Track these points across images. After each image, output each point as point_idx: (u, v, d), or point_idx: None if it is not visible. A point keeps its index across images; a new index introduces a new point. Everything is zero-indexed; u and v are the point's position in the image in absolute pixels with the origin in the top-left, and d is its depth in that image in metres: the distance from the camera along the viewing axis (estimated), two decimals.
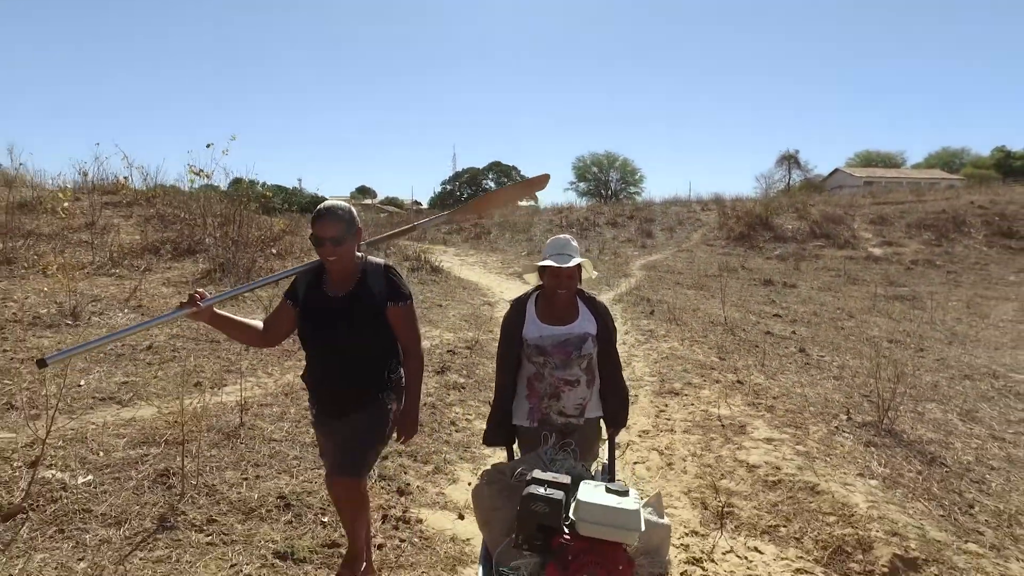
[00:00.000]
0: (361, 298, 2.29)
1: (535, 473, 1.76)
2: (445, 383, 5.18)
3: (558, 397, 2.42)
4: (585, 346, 2.43)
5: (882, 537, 3.08)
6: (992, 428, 5.18)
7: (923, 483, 3.81)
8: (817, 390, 5.64)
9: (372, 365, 2.34)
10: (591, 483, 1.74)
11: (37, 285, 6.32)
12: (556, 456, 2.10)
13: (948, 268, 16.99)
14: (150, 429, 3.68)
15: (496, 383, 2.59)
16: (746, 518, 3.36)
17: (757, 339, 7.52)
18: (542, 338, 2.43)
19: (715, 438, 4.29)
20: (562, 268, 2.34)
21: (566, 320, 2.46)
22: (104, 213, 9.92)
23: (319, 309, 2.30)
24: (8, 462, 3.07)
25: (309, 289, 2.35)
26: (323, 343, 2.31)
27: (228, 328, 2.27)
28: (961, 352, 8.45)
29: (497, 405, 2.55)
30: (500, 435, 2.53)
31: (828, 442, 4.30)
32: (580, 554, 1.58)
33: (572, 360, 2.41)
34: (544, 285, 2.48)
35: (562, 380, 2.41)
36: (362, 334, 2.30)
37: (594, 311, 2.51)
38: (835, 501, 3.43)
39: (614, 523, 1.57)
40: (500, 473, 2.07)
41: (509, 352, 2.49)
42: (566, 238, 2.50)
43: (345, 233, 2.22)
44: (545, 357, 2.41)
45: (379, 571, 2.72)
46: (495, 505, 1.95)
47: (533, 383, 2.46)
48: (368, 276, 2.33)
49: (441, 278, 10.69)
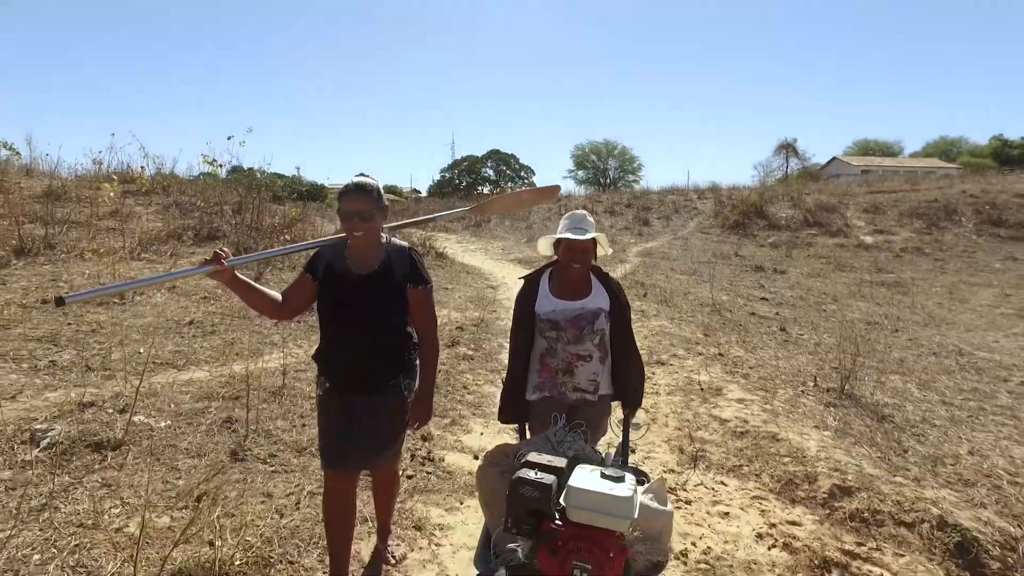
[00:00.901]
0: (384, 277, 2.30)
1: (529, 456, 1.73)
2: (456, 355, 5.84)
3: (571, 372, 2.45)
4: (598, 321, 2.45)
5: (825, 472, 3.77)
6: (944, 395, 5.86)
7: (869, 434, 4.50)
8: (791, 362, 6.32)
9: (391, 344, 2.35)
10: (587, 467, 1.70)
11: (79, 268, 6.95)
12: (565, 438, 2.10)
13: (936, 256, 17.62)
14: (207, 388, 4.34)
15: (509, 360, 2.60)
16: (715, 460, 4.04)
17: (742, 319, 8.19)
18: (555, 312, 2.45)
19: (694, 399, 4.98)
20: (578, 240, 2.38)
21: (579, 295, 2.49)
22: (125, 202, 10.52)
23: (341, 285, 2.30)
24: (102, 410, 3.73)
25: (331, 264, 2.33)
26: (344, 319, 2.31)
27: (246, 293, 2.23)
28: (934, 333, 9.13)
29: (510, 381, 2.57)
30: (513, 411, 2.56)
31: (793, 403, 4.99)
32: (570, 540, 1.56)
33: (585, 335, 2.44)
34: (559, 259, 2.51)
35: (575, 355, 2.44)
36: (383, 312, 2.30)
37: (608, 287, 2.54)
38: (791, 446, 4.11)
39: (605, 510, 1.54)
40: (503, 455, 2.07)
41: (522, 328, 2.51)
42: (583, 213, 2.54)
43: (373, 209, 2.22)
44: (558, 332, 2.44)
45: (412, 495, 3.39)
46: (496, 487, 1.95)
47: (546, 358, 2.49)
48: (392, 257, 2.34)
49: (446, 263, 11.34)
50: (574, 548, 1.54)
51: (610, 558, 1.53)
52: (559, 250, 2.50)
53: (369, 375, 2.31)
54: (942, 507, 3.46)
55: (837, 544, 3.16)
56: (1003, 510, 3.54)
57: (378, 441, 2.35)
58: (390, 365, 2.35)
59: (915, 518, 3.37)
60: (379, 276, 2.30)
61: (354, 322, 2.29)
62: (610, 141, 47.54)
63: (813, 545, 3.11)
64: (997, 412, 5.47)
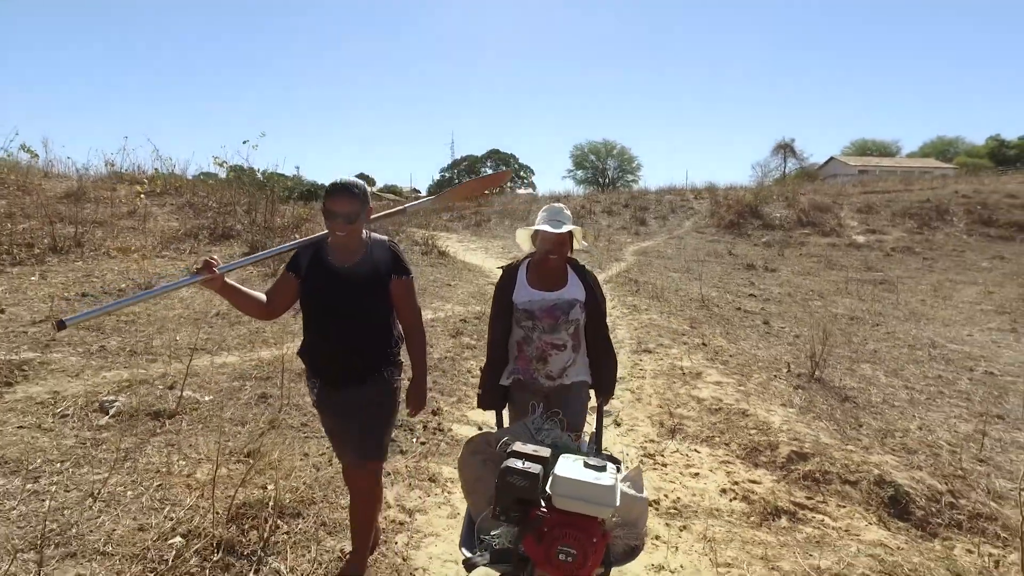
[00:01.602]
0: (367, 270, 2.36)
1: (516, 446, 1.81)
2: (460, 344, 6.44)
3: (545, 360, 2.59)
4: (573, 312, 2.58)
5: (786, 441, 4.36)
6: (908, 381, 6.45)
7: (830, 412, 5.10)
8: (770, 352, 6.92)
9: (376, 337, 2.41)
10: (570, 457, 1.80)
11: (108, 265, 7.53)
12: (543, 426, 2.19)
13: (925, 255, 18.20)
14: (240, 370, 4.93)
15: (487, 348, 2.74)
16: (691, 432, 4.64)
17: (728, 314, 8.79)
18: (531, 302, 2.58)
19: (676, 381, 5.57)
20: (554, 233, 2.51)
21: (555, 286, 2.61)
22: (141, 202, 11.11)
23: (324, 280, 2.34)
24: (154, 386, 4.33)
25: (314, 259, 2.38)
26: (328, 313, 2.35)
27: (235, 297, 2.27)
28: (912, 327, 9.71)
29: (488, 369, 2.70)
30: (491, 399, 2.69)
31: (765, 385, 5.59)
32: (555, 527, 1.64)
33: (560, 324, 2.57)
34: (536, 250, 2.66)
35: (549, 344, 2.57)
36: (368, 304, 2.36)
37: (583, 280, 2.66)
38: (758, 421, 4.71)
39: (590, 498, 1.62)
40: (486, 443, 2.14)
41: (500, 317, 2.65)
42: (560, 206, 2.67)
43: (359, 211, 2.28)
44: (534, 321, 2.57)
45: (425, 457, 3.97)
46: (478, 475, 2.04)
47: (522, 346, 2.62)
48: (373, 250, 2.39)
49: (448, 261, 11.93)
50: (559, 534, 1.62)
51: (593, 543, 1.63)
52: (536, 242, 2.65)
53: (355, 367, 2.37)
54: (883, 469, 4.05)
55: (789, 497, 3.75)
56: (936, 472, 4.13)
57: (365, 433, 2.40)
58: (375, 357, 2.41)
59: (858, 477, 3.96)
60: (362, 269, 2.36)
61: (339, 315, 2.34)
62: (609, 141, 48.32)
63: (768, 497, 3.71)
64: (954, 396, 6.07)
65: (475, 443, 2.16)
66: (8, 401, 3.87)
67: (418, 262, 11.17)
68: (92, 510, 2.82)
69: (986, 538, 3.51)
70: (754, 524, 3.44)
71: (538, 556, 1.64)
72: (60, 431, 3.57)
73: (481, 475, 2.03)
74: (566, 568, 1.62)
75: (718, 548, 3.08)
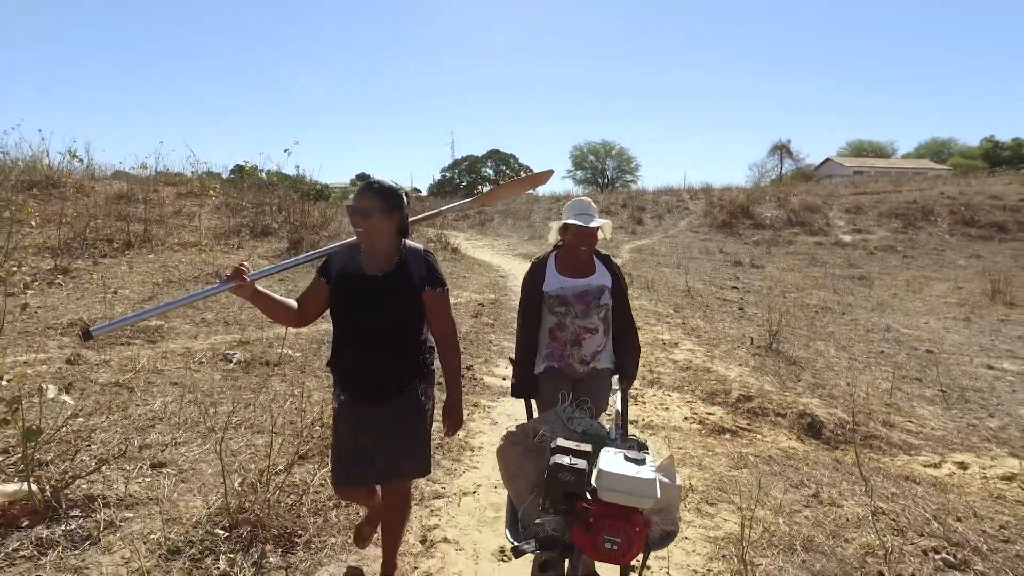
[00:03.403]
0: (400, 280, 2.34)
1: (559, 441, 1.96)
2: (481, 322, 7.94)
3: (580, 344, 2.76)
4: (603, 297, 2.77)
5: (737, 388, 5.88)
6: (852, 354, 7.98)
7: (777, 371, 6.63)
8: (740, 330, 8.44)
9: (407, 348, 2.39)
10: (611, 451, 1.93)
11: (176, 257, 9.02)
12: (573, 414, 2.32)
13: (906, 253, 19.75)
14: (312, 337, 6.42)
15: (518, 339, 2.90)
16: (666, 383, 6.15)
17: (710, 301, 10.33)
18: (563, 289, 2.75)
19: (657, 349, 7.10)
20: (586, 228, 2.66)
21: (585, 273, 2.79)
22: (182, 203, 12.61)
23: (355, 287, 2.34)
24: (255, 345, 5.82)
25: (345, 266, 2.38)
26: (358, 322, 2.35)
27: (266, 305, 2.30)
28: (875, 316, 11.23)
29: (520, 358, 2.86)
30: (525, 387, 2.85)
31: (729, 353, 7.11)
32: (600, 518, 1.78)
33: (592, 309, 2.74)
34: (565, 243, 2.82)
35: (583, 328, 2.74)
36: (399, 314, 2.35)
37: (609, 267, 2.87)
38: (719, 375, 6.23)
39: (632, 491, 1.76)
40: (524, 434, 2.26)
41: (531, 308, 2.81)
42: (587, 200, 2.83)
43: (375, 208, 2.25)
44: (567, 307, 2.74)
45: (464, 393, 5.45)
46: (519, 464, 2.17)
47: (555, 332, 2.79)
48: (408, 259, 2.38)
49: (460, 257, 13.46)
50: (604, 525, 1.76)
51: (636, 532, 1.76)
52: (566, 235, 2.81)
53: (385, 380, 2.35)
54: (808, 408, 5.57)
55: (733, 422, 5.26)
56: (847, 410, 5.65)
57: (396, 454, 2.39)
58: (406, 369, 2.39)
59: (787, 412, 5.49)
60: (395, 278, 2.34)
61: (369, 324, 2.33)
62: (608, 141, 50.05)
63: (717, 422, 5.22)
64: (889, 366, 7.58)
65: (514, 434, 2.26)
66: (157, 352, 5.37)
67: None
68: (255, 411, 4.33)
69: (871, 449, 5.03)
70: (704, 435, 4.95)
71: (585, 545, 1.79)
72: (205, 371, 5.07)
73: (522, 464, 2.15)
74: (612, 555, 1.77)
75: (675, 443, 4.59)
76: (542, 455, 2.07)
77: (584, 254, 2.80)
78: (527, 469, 2.13)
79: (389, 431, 2.37)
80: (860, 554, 3.01)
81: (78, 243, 8.63)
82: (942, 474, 4.62)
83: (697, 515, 3.42)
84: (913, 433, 5.45)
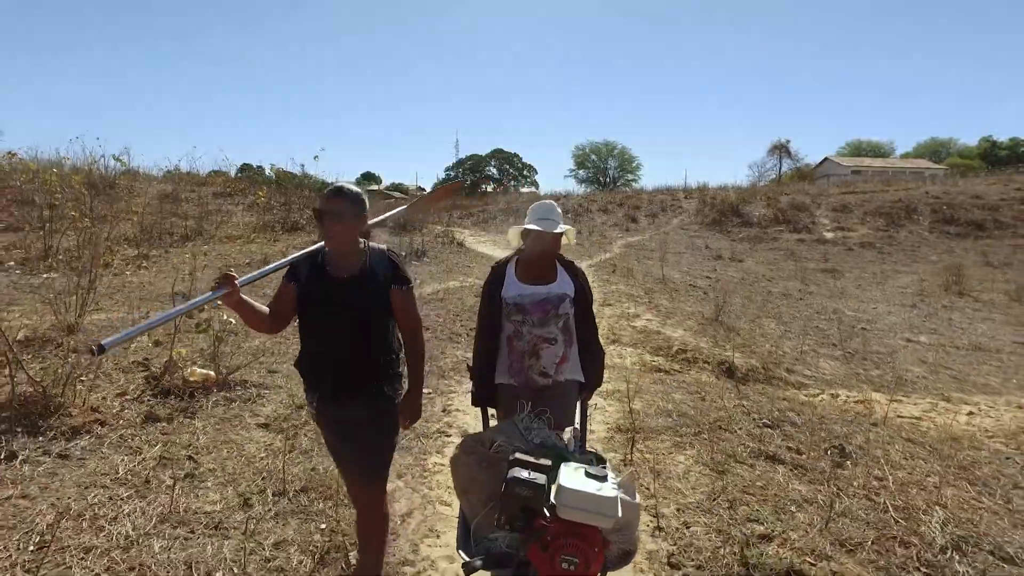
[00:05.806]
0: (366, 281, 2.45)
1: (518, 455, 1.94)
2: None
3: (538, 355, 2.73)
4: (563, 305, 2.75)
5: (678, 344, 7.89)
6: (788, 327, 9.95)
7: (714, 335, 8.63)
8: (697, 308, 10.43)
9: (373, 348, 2.48)
10: (571, 466, 1.92)
11: (223, 249, 11.08)
12: (532, 424, 2.35)
13: (884, 249, 21.58)
14: None
15: (476, 346, 2.88)
16: (624, 342, 8.15)
17: (680, 287, 12.32)
18: (521, 296, 2.74)
19: (622, 320, 9.11)
20: (547, 233, 2.67)
21: (545, 280, 2.78)
22: (216, 201, 14.71)
23: (322, 290, 2.43)
24: None
25: (311, 271, 2.46)
26: (325, 325, 2.44)
27: (247, 313, 2.33)
28: (830, 302, 13.16)
29: (478, 366, 2.84)
30: (484, 397, 2.86)
31: (680, 322, 9.13)
32: (559, 536, 1.78)
33: (549, 318, 2.73)
34: (527, 248, 2.79)
35: (540, 338, 2.73)
36: (367, 315, 2.45)
37: (572, 274, 2.83)
38: (666, 336, 8.23)
39: (594, 509, 1.76)
40: (479, 443, 2.26)
41: (489, 314, 2.80)
42: (551, 204, 2.76)
43: (344, 211, 2.36)
44: (524, 315, 2.73)
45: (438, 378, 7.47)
46: (473, 475, 2.18)
47: (512, 341, 2.77)
48: (372, 260, 2.48)
49: (465, 250, 15.51)
50: (563, 544, 1.77)
51: (594, 551, 1.78)
52: (527, 240, 2.77)
53: (354, 379, 2.45)
54: (730, 358, 7.56)
55: (669, 366, 7.26)
56: (762, 360, 7.62)
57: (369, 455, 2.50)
58: (373, 369, 2.48)
59: (712, 360, 7.48)
60: (361, 279, 2.45)
61: (337, 326, 2.42)
62: (610, 141, 52.21)
63: (657, 365, 7.21)
64: (818, 338, 9.53)
65: (468, 443, 2.24)
66: None
67: (442, 250, 14.71)
68: None
69: (771, 385, 7.01)
70: (645, 373, 6.96)
71: (542, 564, 1.79)
72: None
73: (476, 476, 2.13)
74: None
75: (623, 376, 6.59)
76: (498, 467, 2.06)
77: (545, 261, 2.81)
78: (481, 481, 2.12)
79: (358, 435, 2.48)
80: (712, 419, 5.02)
81: (145, 236, 10.72)
82: (815, 400, 6.61)
83: (616, 402, 5.44)
84: (808, 377, 7.44)
